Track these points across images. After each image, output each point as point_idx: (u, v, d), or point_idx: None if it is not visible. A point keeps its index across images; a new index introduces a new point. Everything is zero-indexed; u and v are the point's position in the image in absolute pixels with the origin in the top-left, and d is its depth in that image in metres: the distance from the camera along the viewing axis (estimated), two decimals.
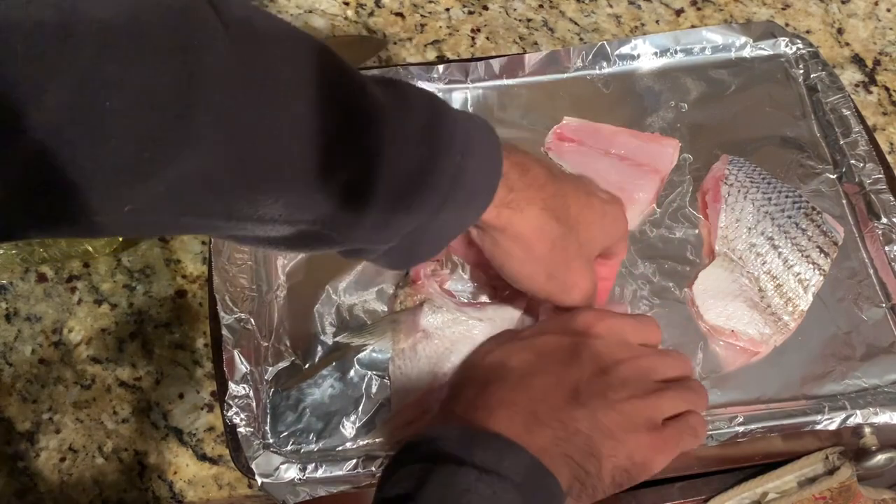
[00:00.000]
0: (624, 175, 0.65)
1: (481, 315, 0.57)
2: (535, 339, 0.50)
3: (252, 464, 0.53)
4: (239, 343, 0.57)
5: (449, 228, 0.47)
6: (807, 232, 0.61)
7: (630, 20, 0.85)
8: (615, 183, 0.63)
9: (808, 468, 0.58)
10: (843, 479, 0.57)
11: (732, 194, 0.63)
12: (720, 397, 0.56)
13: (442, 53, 0.83)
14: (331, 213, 0.42)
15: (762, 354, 0.58)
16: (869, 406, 0.55)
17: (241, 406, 0.55)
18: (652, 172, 0.65)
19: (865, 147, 0.66)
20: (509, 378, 0.48)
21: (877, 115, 0.77)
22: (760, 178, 0.64)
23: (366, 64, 0.81)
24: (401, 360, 0.57)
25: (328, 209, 0.41)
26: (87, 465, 0.62)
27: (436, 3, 0.86)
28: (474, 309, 0.58)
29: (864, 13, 0.85)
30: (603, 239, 0.54)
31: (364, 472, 0.54)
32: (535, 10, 0.86)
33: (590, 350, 0.48)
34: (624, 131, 0.68)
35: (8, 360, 0.66)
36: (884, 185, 0.64)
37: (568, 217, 0.50)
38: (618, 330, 0.50)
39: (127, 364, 0.66)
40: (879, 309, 0.60)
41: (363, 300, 0.61)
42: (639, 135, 0.68)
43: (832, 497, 0.58)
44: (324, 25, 0.85)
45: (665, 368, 0.50)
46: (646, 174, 0.65)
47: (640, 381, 0.48)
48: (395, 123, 0.42)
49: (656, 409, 0.47)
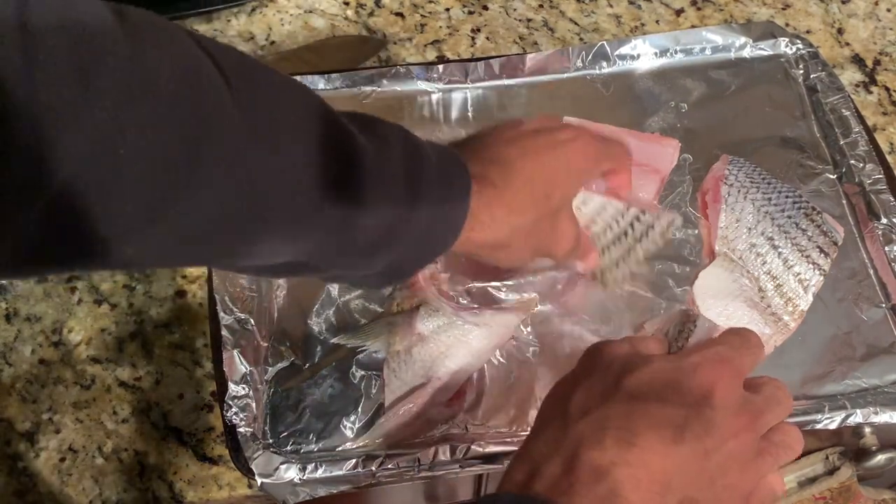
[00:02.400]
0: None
1: (478, 320, 0.57)
2: (636, 407, 0.42)
3: (252, 464, 0.53)
4: (239, 343, 0.57)
5: (426, 256, 0.50)
6: (807, 232, 0.61)
7: (630, 20, 0.85)
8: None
9: (808, 468, 0.58)
10: (843, 479, 0.57)
11: (732, 194, 0.63)
12: None
13: (442, 53, 0.83)
14: (322, 248, 0.45)
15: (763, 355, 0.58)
16: (869, 406, 0.55)
17: (240, 406, 0.55)
18: (652, 172, 0.65)
19: (865, 147, 0.66)
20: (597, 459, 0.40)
21: (877, 115, 0.77)
22: (760, 179, 0.64)
23: (366, 64, 0.81)
24: (395, 362, 0.57)
25: (320, 245, 0.45)
26: (87, 465, 0.62)
27: (436, 3, 0.86)
28: (471, 314, 0.58)
29: (864, 13, 0.85)
30: (574, 178, 0.55)
31: (364, 472, 0.54)
32: (535, 10, 0.86)
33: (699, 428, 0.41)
34: (624, 131, 0.68)
35: (8, 360, 0.66)
36: (884, 185, 0.64)
37: (534, 199, 0.52)
38: (735, 389, 0.43)
39: (127, 364, 0.66)
40: (879, 309, 0.60)
41: (363, 301, 0.61)
42: (639, 135, 0.68)
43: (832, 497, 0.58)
44: (324, 25, 0.85)
45: (773, 422, 0.45)
46: (646, 174, 0.65)
47: (743, 458, 0.43)
48: (380, 166, 0.45)
49: (750, 481, 0.43)
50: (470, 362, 0.57)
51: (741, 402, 0.43)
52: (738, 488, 0.42)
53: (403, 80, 0.72)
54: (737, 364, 0.44)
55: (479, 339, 0.57)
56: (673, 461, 0.40)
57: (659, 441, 0.40)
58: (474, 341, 0.57)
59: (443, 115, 0.71)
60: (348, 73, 0.72)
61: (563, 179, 0.54)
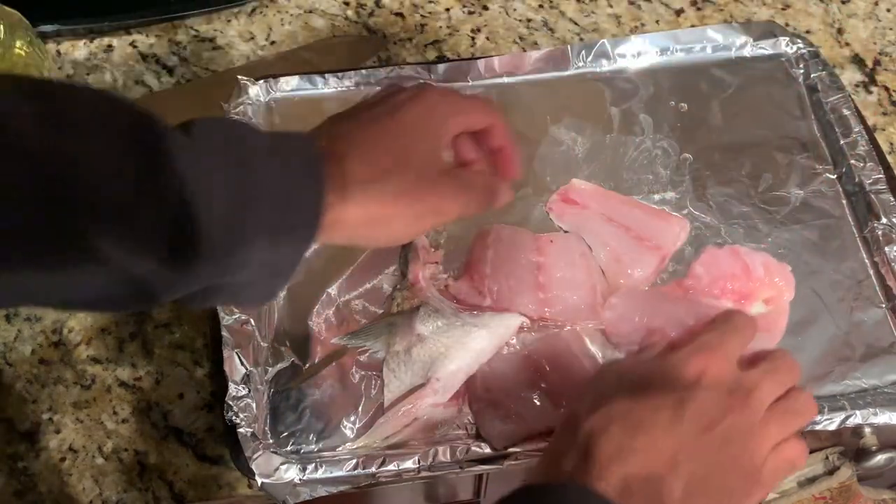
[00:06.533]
0: (623, 246, 0.63)
1: (478, 322, 0.57)
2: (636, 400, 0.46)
3: (252, 464, 0.53)
4: (239, 343, 0.57)
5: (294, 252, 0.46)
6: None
7: (630, 20, 0.84)
8: (613, 250, 0.62)
9: (807, 468, 0.59)
10: (843, 479, 0.57)
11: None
12: None
13: (442, 53, 0.83)
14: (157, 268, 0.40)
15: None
16: (869, 406, 0.55)
17: (241, 406, 0.55)
18: (653, 249, 0.62)
19: (865, 147, 0.66)
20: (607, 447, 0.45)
21: (877, 115, 0.77)
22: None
23: (366, 64, 0.81)
24: (394, 362, 0.57)
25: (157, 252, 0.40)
26: (87, 465, 0.62)
27: (436, 3, 0.86)
28: (471, 315, 0.58)
29: (864, 13, 0.85)
30: (428, 133, 0.51)
31: (364, 472, 0.54)
32: (535, 10, 0.86)
33: (695, 407, 0.45)
34: (632, 202, 0.66)
35: (8, 360, 0.66)
36: (884, 185, 0.64)
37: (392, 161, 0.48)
38: (725, 369, 0.47)
39: (127, 364, 0.66)
40: (879, 309, 0.60)
41: (363, 301, 0.61)
42: (647, 208, 0.65)
43: (832, 497, 0.58)
44: (324, 25, 0.85)
45: (775, 392, 0.48)
46: (647, 250, 0.62)
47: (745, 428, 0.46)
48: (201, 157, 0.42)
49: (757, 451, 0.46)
50: (469, 363, 0.57)
51: (734, 380, 0.47)
52: (744, 458, 0.45)
53: (403, 80, 0.72)
54: (725, 347, 0.48)
55: (479, 341, 0.57)
56: (675, 440, 0.44)
57: (660, 424, 0.44)
58: (474, 342, 0.57)
59: None
60: (348, 73, 0.72)
61: (415, 138, 0.50)
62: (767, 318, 0.59)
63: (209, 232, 0.41)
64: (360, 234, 0.48)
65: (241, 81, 0.70)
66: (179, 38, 0.85)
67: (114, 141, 0.40)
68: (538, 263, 0.61)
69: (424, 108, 0.51)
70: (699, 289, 0.61)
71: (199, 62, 0.83)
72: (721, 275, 0.61)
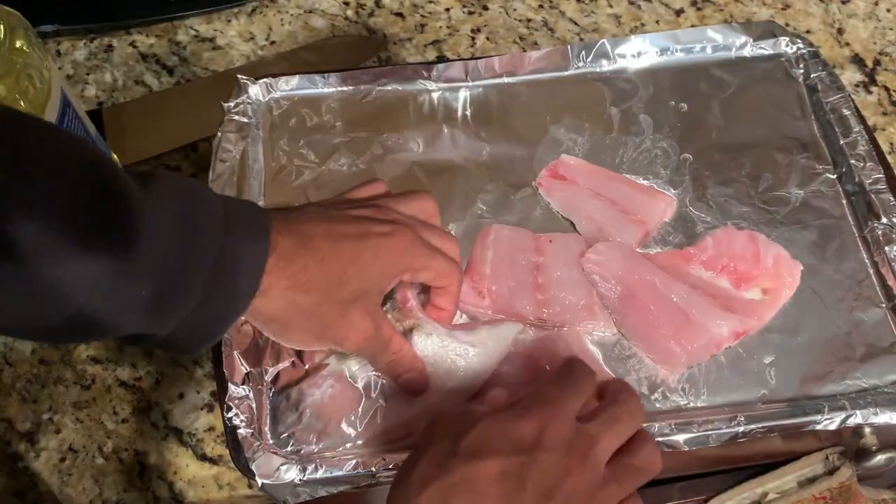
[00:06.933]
0: (607, 218, 0.63)
1: (473, 339, 0.56)
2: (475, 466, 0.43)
3: (252, 464, 0.53)
4: (239, 343, 0.57)
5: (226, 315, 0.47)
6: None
7: (630, 20, 0.85)
8: (596, 223, 0.63)
9: (808, 468, 0.58)
10: (843, 480, 0.57)
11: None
12: (720, 398, 0.57)
13: (442, 53, 0.83)
14: (100, 294, 0.40)
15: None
16: (869, 406, 0.55)
17: (241, 407, 0.55)
18: (637, 223, 0.63)
19: (865, 147, 0.66)
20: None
21: (877, 115, 0.77)
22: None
23: (366, 64, 0.81)
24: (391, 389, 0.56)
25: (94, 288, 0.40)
26: (87, 465, 0.62)
27: (436, 3, 0.86)
28: (466, 332, 0.56)
29: (864, 13, 0.85)
30: (379, 274, 0.52)
31: (364, 472, 0.54)
32: (535, 10, 0.86)
33: (535, 472, 0.43)
34: (621, 178, 0.66)
35: (8, 360, 0.66)
36: (884, 185, 0.64)
37: (323, 281, 0.49)
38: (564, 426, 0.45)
39: (127, 364, 0.66)
40: (879, 309, 0.60)
41: None
42: (634, 185, 0.66)
43: (832, 497, 0.58)
44: (324, 25, 0.86)
45: (615, 444, 0.47)
46: (630, 223, 0.63)
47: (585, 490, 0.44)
48: (149, 207, 0.42)
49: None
50: (475, 383, 0.56)
51: (572, 437, 0.45)
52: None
53: (403, 79, 0.72)
54: (563, 401, 0.46)
55: (477, 359, 0.56)
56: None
57: (503, 496, 0.42)
58: (472, 363, 0.56)
59: (443, 114, 0.71)
60: (348, 73, 0.72)
61: (363, 271, 0.51)
62: (759, 305, 0.59)
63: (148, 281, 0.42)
64: (264, 326, 0.53)
65: (241, 81, 0.70)
66: (179, 38, 0.85)
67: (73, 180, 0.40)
68: (537, 264, 0.61)
69: (395, 253, 0.52)
70: (700, 259, 0.61)
71: (199, 62, 0.83)
72: (729, 253, 0.61)
